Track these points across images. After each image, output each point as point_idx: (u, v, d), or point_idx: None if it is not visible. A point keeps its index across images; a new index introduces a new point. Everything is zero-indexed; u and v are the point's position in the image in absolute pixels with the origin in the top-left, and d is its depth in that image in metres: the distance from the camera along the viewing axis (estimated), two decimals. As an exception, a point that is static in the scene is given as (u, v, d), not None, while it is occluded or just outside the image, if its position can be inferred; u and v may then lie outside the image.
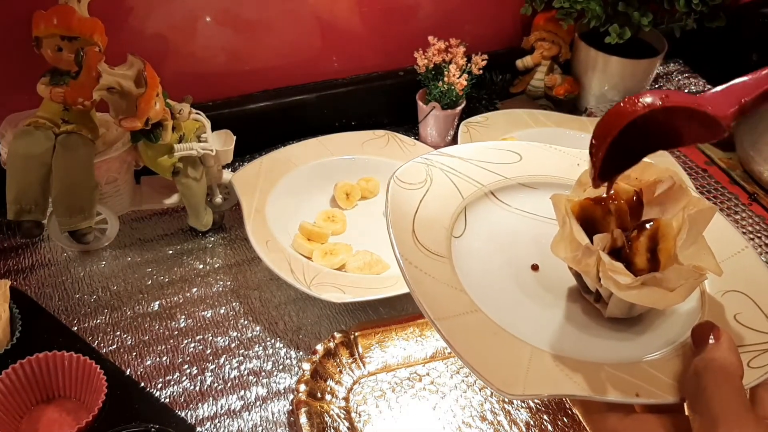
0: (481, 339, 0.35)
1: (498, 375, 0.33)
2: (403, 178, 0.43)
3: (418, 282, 0.36)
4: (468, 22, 0.94)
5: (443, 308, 0.36)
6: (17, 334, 0.60)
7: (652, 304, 0.35)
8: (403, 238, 0.39)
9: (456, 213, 0.43)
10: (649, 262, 0.37)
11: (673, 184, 0.38)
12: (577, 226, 0.37)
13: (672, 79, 1.07)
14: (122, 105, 0.62)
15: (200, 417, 0.58)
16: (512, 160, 0.47)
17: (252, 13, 0.80)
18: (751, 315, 0.37)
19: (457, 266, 0.40)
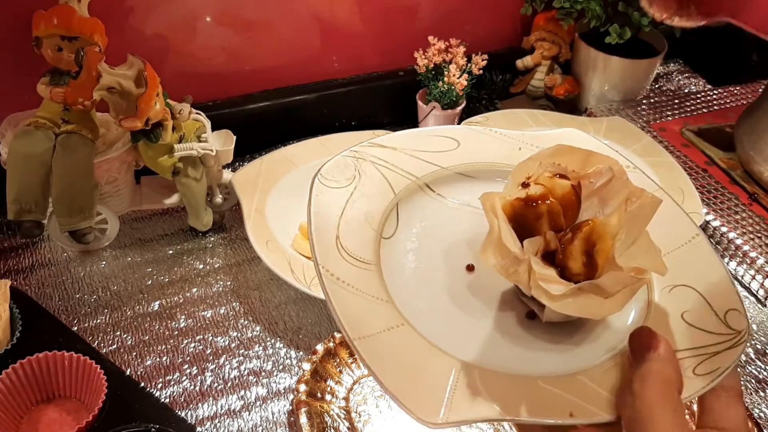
0: (404, 358, 0.32)
1: (418, 401, 0.30)
2: (329, 175, 0.39)
3: (338, 297, 0.33)
4: (468, 22, 0.94)
5: (365, 324, 0.32)
6: (17, 334, 0.60)
7: (588, 315, 0.33)
8: (326, 246, 0.35)
9: (387, 211, 0.39)
10: (585, 266, 0.34)
11: (611, 176, 0.35)
12: (507, 230, 0.34)
13: (672, 79, 1.07)
14: (122, 105, 0.62)
15: (200, 417, 0.58)
16: (449, 147, 0.43)
17: (252, 13, 0.80)
18: (700, 313, 0.34)
19: (385, 273, 0.36)
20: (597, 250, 0.34)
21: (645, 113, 0.94)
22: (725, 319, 0.34)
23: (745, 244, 0.74)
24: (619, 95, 0.96)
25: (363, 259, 0.37)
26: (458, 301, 0.37)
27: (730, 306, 0.34)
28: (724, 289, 0.35)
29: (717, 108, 0.97)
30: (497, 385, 0.31)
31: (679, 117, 0.94)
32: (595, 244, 0.34)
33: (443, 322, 0.35)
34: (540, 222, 0.35)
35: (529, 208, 0.35)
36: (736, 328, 0.33)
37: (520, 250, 0.34)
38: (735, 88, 1.02)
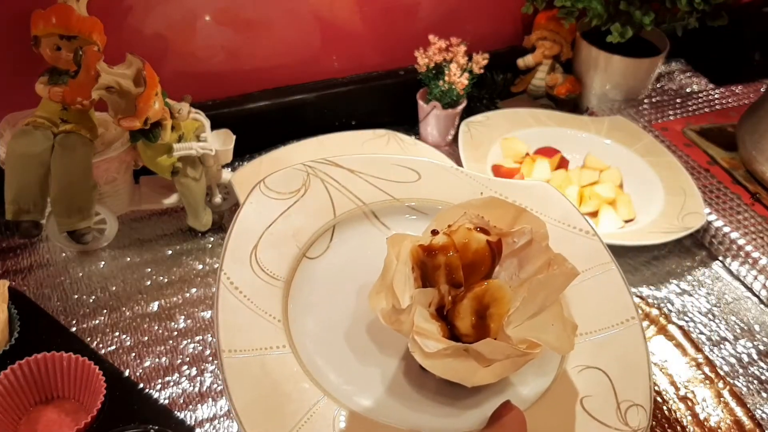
0: (270, 381, 0.31)
1: (260, 425, 0.29)
2: (273, 185, 0.38)
3: (226, 305, 0.32)
4: (469, 20, 0.94)
5: (243, 340, 0.32)
6: (16, 334, 0.59)
7: (456, 379, 0.31)
8: (238, 253, 0.35)
9: (321, 230, 0.38)
10: (474, 327, 0.32)
11: (530, 240, 0.33)
12: (404, 273, 0.33)
13: (674, 78, 1.06)
14: (121, 104, 0.62)
15: (199, 418, 0.58)
16: (409, 179, 0.41)
17: (251, 12, 0.80)
18: (601, 402, 0.32)
19: (293, 292, 0.35)
20: (490, 313, 0.32)
21: (647, 113, 0.94)
22: (624, 415, 0.32)
23: (748, 244, 0.74)
24: (620, 94, 0.95)
25: (274, 274, 0.35)
26: (356, 338, 0.35)
27: (636, 401, 0.32)
28: (639, 382, 0.33)
29: (719, 107, 0.97)
30: (354, 426, 0.30)
31: (681, 116, 0.94)
32: (489, 306, 0.32)
33: (331, 355, 0.34)
34: (437, 273, 0.33)
35: (429, 257, 0.33)
36: (632, 425, 0.32)
37: (403, 299, 0.32)
38: (737, 87, 1.01)
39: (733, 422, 0.58)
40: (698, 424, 0.58)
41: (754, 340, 0.68)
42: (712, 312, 0.71)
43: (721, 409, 0.59)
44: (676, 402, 0.60)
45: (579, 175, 0.83)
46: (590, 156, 0.86)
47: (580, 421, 0.32)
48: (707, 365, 0.62)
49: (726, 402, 0.59)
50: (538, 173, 0.82)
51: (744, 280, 0.74)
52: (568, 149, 0.87)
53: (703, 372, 0.62)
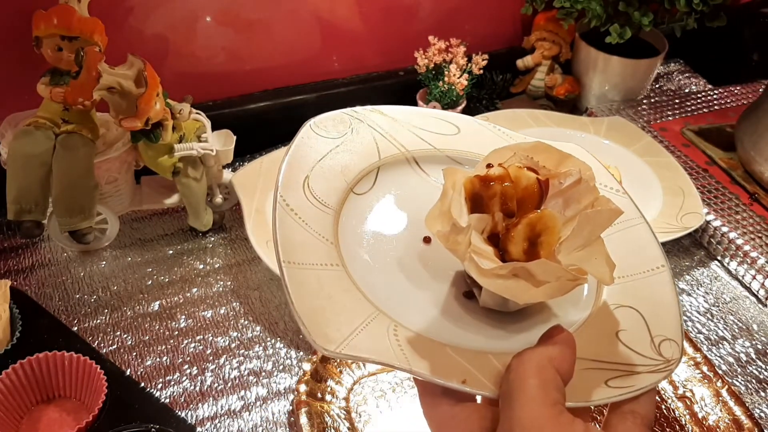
0: (325, 292, 0.33)
1: (320, 328, 0.31)
2: (321, 125, 0.41)
3: (284, 224, 0.35)
4: (468, 21, 0.94)
5: (300, 254, 0.34)
6: (17, 334, 0.60)
7: (510, 295, 0.33)
8: (292, 180, 0.37)
9: (366, 170, 0.41)
10: (525, 253, 0.34)
11: (578, 180, 0.35)
12: (458, 200, 0.35)
13: (672, 79, 1.07)
14: (122, 105, 0.62)
15: (200, 417, 0.58)
16: (449, 131, 0.44)
17: (252, 12, 0.80)
18: (636, 335, 0.34)
19: (342, 221, 0.38)
20: (541, 241, 0.34)
21: (645, 113, 0.94)
22: (658, 346, 0.34)
23: (746, 244, 0.74)
24: (619, 95, 0.96)
25: (325, 202, 0.38)
26: (403, 264, 0.37)
27: (668, 336, 0.34)
28: (670, 320, 0.35)
29: (717, 108, 0.97)
30: (406, 340, 0.32)
31: (680, 117, 0.94)
32: (540, 234, 0.34)
33: (381, 278, 0.36)
34: (492, 202, 0.35)
35: (484, 187, 0.35)
36: (666, 356, 0.33)
37: (462, 221, 0.34)
38: (735, 87, 1.01)
39: (732, 421, 0.58)
40: (697, 423, 0.59)
41: (753, 339, 0.68)
42: (711, 311, 0.71)
43: (719, 408, 0.59)
44: (675, 401, 0.60)
45: (578, 175, 0.83)
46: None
47: (615, 349, 0.34)
48: (706, 364, 0.62)
49: (724, 401, 0.60)
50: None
51: (742, 279, 0.75)
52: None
53: (701, 371, 0.62)
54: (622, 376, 0.32)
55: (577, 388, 0.31)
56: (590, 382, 0.32)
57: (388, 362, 0.30)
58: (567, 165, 0.37)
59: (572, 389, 0.30)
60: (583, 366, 0.32)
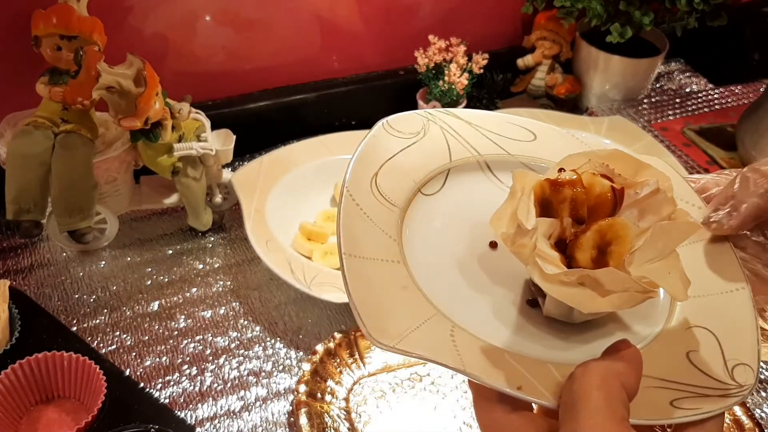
0: (384, 287, 0.33)
1: (377, 321, 0.30)
2: (395, 124, 0.40)
3: (348, 216, 0.34)
4: (469, 20, 0.94)
5: (362, 247, 0.34)
6: (16, 334, 0.60)
7: (574, 304, 0.32)
8: (361, 176, 0.37)
9: (436, 171, 0.40)
10: (594, 261, 0.32)
11: (656, 190, 0.34)
12: (527, 204, 0.34)
13: (673, 78, 1.06)
14: (121, 104, 0.62)
15: (200, 417, 0.58)
16: (525, 138, 0.43)
17: (252, 12, 0.80)
18: (708, 357, 0.33)
19: (407, 220, 0.37)
20: (611, 250, 0.33)
21: (646, 112, 0.94)
22: (731, 370, 0.33)
23: (747, 244, 0.74)
24: (620, 94, 0.95)
25: (391, 200, 0.37)
26: (466, 267, 0.37)
27: (743, 360, 0.33)
28: (747, 344, 0.34)
29: (718, 107, 0.97)
30: (463, 342, 0.31)
31: (681, 116, 0.94)
32: (611, 243, 0.33)
33: (442, 279, 0.36)
34: (562, 207, 0.34)
35: (554, 191, 0.34)
36: (739, 381, 0.32)
37: (529, 224, 0.33)
38: (736, 87, 1.01)
39: (733, 421, 0.58)
40: (697, 423, 0.58)
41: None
42: (712, 311, 0.71)
43: (720, 409, 0.59)
44: (676, 401, 0.60)
45: (579, 174, 0.83)
46: (590, 156, 0.86)
47: (685, 370, 0.32)
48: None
49: (725, 401, 0.59)
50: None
51: (743, 279, 0.74)
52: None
53: (702, 371, 0.62)
54: (690, 397, 0.31)
55: (641, 405, 0.30)
56: (655, 400, 0.31)
57: (443, 362, 0.30)
58: (644, 175, 0.35)
59: (636, 406, 0.29)
60: (649, 384, 0.31)
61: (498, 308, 0.35)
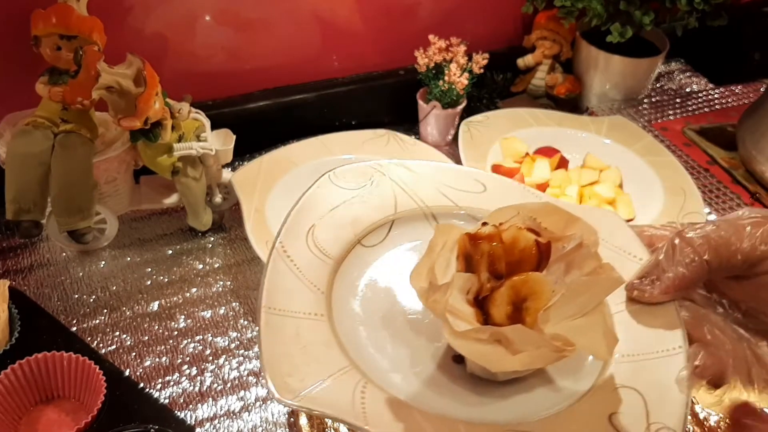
0: (300, 341, 0.32)
1: (281, 378, 0.30)
2: (341, 175, 0.41)
3: (276, 269, 0.35)
4: (469, 20, 0.94)
5: (284, 302, 0.34)
6: (16, 334, 0.59)
7: (484, 362, 0.31)
8: (296, 228, 0.37)
9: (379, 223, 0.40)
10: (509, 318, 0.32)
11: (580, 245, 0.33)
12: (448, 258, 0.34)
13: (674, 78, 1.06)
14: (121, 104, 0.62)
15: (200, 418, 0.58)
16: (475, 189, 0.43)
17: (251, 11, 0.80)
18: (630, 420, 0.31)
19: (342, 271, 0.37)
20: (527, 306, 0.32)
21: (646, 112, 0.94)
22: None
23: (747, 244, 0.74)
24: (620, 94, 0.95)
25: (326, 252, 0.37)
26: (394, 321, 0.36)
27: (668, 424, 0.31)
28: (675, 409, 0.32)
29: (719, 107, 0.97)
30: (373, 397, 0.31)
31: (681, 116, 0.94)
32: (526, 299, 0.32)
33: (367, 332, 0.35)
34: (480, 261, 0.34)
35: (473, 246, 0.34)
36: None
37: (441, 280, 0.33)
38: (737, 87, 1.01)
39: (733, 422, 0.58)
40: (698, 423, 0.58)
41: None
42: (712, 311, 0.71)
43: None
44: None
45: (579, 174, 0.83)
46: (590, 156, 0.86)
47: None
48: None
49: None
50: (538, 173, 0.82)
51: (744, 279, 0.74)
52: (568, 149, 0.87)
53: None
54: None
55: None
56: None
57: (343, 419, 0.29)
58: (573, 228, 0.35)
59: None
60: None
61: (420, 364, 0.35)
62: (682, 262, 0.33)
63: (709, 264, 0.33)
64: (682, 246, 0.33)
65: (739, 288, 0.34)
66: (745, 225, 0.33)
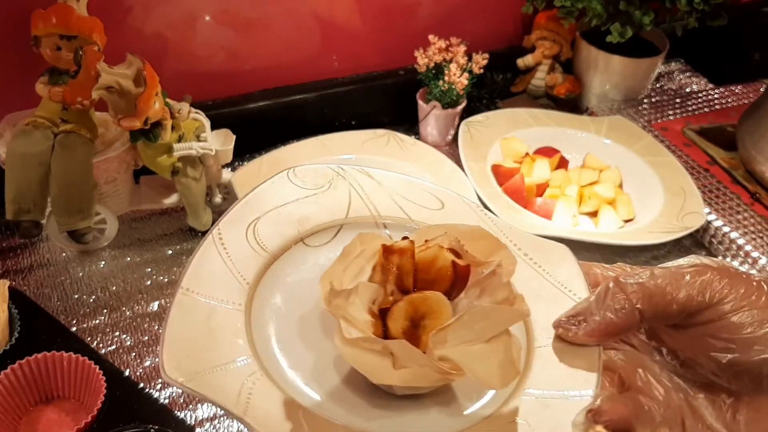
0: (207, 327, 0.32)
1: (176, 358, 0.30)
2: (300, 175, 0.40)
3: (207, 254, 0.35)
4: (469, 20, 0.94)
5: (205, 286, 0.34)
6: (16, 334, 0.59)
7: (366, 372, 0.31)
8: (239, 218, 0.37)
9: (327, 225, 0.40)
10: (405, 333, 0.32)
11: (492, 273, 0.33)
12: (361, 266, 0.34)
13: (674, 78, 1.06)
14: (121, 104, 0.62)
15: (199, 418, 0.58)
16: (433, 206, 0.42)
17: (251, 12, 0.80)
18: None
19: (275, 268, 0.37)
20: (424, 324, 0.32)
21: (646, 112, 0.94)
22: None
23: (747, 244, 0.74)
24: (620, 94, 0.95)
25: (264, 246, 0.37)
26: (311, 322, 0.36)
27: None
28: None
29: (719, 107, 0.97)
30: (262, 391, 0.31)
31: (681, 116, 0.94)
32: (424, 317, 0.32)
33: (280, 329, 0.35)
34: (389, 274, 0.34)
35: (385, 257, 0.34)
36: None
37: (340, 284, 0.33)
38: (737, 87, 1.01)
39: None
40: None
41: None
42: (712, 312, 0.71)
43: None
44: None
45: (579, 174, 0.83)
46: (590, 156, 0.86)
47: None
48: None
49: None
50: (538, 173, 0.82)
51: (743, 279, 0.74)
52: (568, 149, 0.87)
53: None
54: None
55: None
56: None
57: (223, 405, 0.29)
58: (497, 255, 0.34)
59: None
60: None
61: (324, 368, 0.34)
62: (612, 307, 0.32)
63: (642, 313, 0.32)
64: (615, 291, 0.32)
65: (678, 337, 0.33)
66: (684, 274, 0.32)
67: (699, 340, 0.32)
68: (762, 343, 0.30)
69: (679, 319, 0.32)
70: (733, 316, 0.31)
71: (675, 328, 0.33)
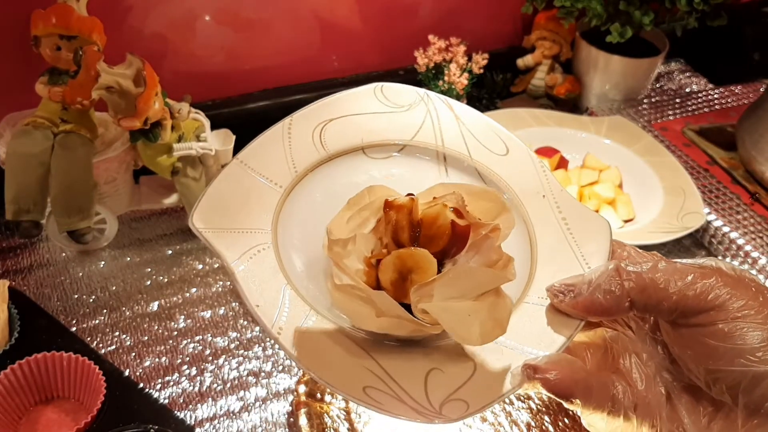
0: (247, 196, 0.35)
1: (210, 211, 0.33)
2: (387, 91, 0.41)
3: (271, 138, 0.37)
4: (468, 20, 0.94)
5: (259, 163, 0.36)
6: (16, 334, 0.59)
7: (350, 316, 0.33)
8: (315, 114, 0.39)
9: (391, 141, 0.41)
10: (393, 285, 0.33)
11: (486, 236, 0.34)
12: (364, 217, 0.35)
13: (673, 78, 1.06)
14: (121, 104, 0.62)
15: (199, 418, 0.58)
16: (498, 151, 0.42)
17: (251, 11, 0.80)
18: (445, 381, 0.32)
19: (329, 165, 0.39)
20: (412, 278, 0.33)
21: (646, 112, 0.94)
22: (444, 402, 0.32)
23: (747, 244, 0.74)
24: (620, 94, 0.95)
25: (326, 147, 0.39)
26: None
27: (463, 398, 0.31)
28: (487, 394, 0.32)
29: (718, 107, 0.97)
30: (263, 259, 0.33)
31: (681, 116, 0.94)
32: (411, 271, 0.33)
33: (307, 214, 0.37)
34: (387, 228, 0.35)
35: (385, 212, 0.35)
36: (444, 412, 0.31)
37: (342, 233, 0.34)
38: (736, 87, 1.01)
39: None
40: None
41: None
42: (712, 312, 0.71)
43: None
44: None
45: (578, 174, 0.83)
46: (590, 156, 0.86)
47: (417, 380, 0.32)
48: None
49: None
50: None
51: (743, 279, 0.74)
52: (568, 149, 0.87)
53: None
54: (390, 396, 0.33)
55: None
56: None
57: (224, 257, 0.32)
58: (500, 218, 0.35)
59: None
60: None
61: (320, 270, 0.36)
62: (602, 288, 0.32)
63: (632, 302, 0.32)
64: (612, 275, 0.32)
65: (671, 333, 0.33)
66: (688, 273, 0.31)
67: (688, 340, 0.32)
68: (747, 357, 0.30)
69: (671, 317, 0.32)
70: (725, 325, 0.30)
71: (671, 324, 0.33)
